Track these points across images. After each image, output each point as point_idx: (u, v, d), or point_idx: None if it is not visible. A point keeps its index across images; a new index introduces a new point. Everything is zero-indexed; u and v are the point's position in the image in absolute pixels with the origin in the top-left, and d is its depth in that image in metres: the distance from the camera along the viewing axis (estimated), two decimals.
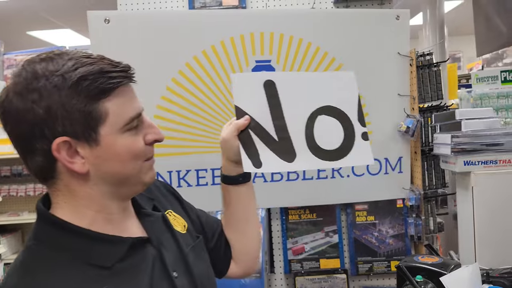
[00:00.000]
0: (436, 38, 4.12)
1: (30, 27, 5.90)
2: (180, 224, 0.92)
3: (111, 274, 0.70)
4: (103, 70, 0.70)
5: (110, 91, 0.70)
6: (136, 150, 0.74)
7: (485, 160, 1.46)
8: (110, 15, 1.58)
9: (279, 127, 0.97)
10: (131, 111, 0.73)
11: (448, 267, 1.36)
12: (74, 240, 0.70)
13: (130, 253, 0.73)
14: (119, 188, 0.75)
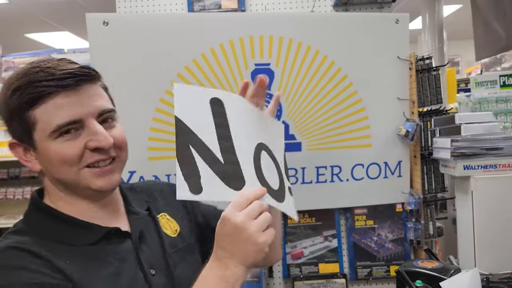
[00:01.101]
0: (435, 42, 4.13)
1: (28, 30, 5.89)
2: (171, 227, 0.94)
3: (79, 253, 0.75)
4: (32, 80, 0.74)
5: (37, 100, 0.74)
6: (66, 156, 0.75)
7: (485, 165, 1.46)
8: (109, 17, 1.57)
9: (225, 148, 0.81)
10: (59, 119, 0.74)
11: (448, 272, 1.36)
12: (49, 221, 0.78)
13: (104, 241, 0.79)
14: (71, 190, 0.80)
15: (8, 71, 3.55)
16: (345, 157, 1.71)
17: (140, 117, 1.60)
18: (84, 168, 0.77)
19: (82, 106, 0.76)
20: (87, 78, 0.77)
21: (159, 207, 0.96)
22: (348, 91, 1.69)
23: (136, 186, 1.01)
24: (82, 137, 0.76)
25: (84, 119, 0.76)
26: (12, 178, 3.62)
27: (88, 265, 0.75)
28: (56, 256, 0.72)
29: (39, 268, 0.69)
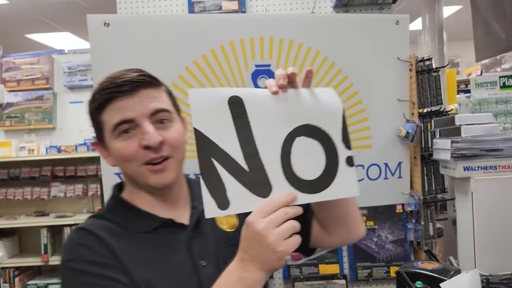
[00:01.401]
0: (435, 43, 4.14)
1: (29, 30, 5.89)
2: (229, 222, 0.98)
3: (136, 239, 0.85)
4: (100, 88, 0.87)
5: (103, 105, 0.86)
6: (124, 154, 0.85)
7: (485, 166, 1.46)
8: (110, 18, 1.58)
9: (249, 154, 0.77)
10: (115, 119, 0.84)
11: (448, 273, 1.36)
12: (118, 209, 0.90)
13: (161, 230, 0.88)
14: (135, 183, 0.89)
15: (8, 71, 3.56)
16: None
17: None
18: (142, 166, 0.85)
19: (135, 108, 0.84)
20: (143, 84, 0.85)
21: None
22: (349, 92, 1.70)
23: (195, 180, 1.05)
24: (137, 136, 0.84)
25: (137, 119, 0.84)
26: (12, 178, 3.63)
27: (140, 251, 0.84)
28: (117, 240, 0.83)
29: (100, 250, 0.82)
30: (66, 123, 3.69)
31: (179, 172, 0.90)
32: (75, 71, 3.55)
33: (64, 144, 3.50)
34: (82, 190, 3.59)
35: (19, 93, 3.59)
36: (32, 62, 3.58)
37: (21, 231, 3.70)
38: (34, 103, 3.59)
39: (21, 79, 3.57)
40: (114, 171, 1.61)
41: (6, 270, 3.44)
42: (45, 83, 3.57)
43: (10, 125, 3.61)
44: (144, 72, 0.88)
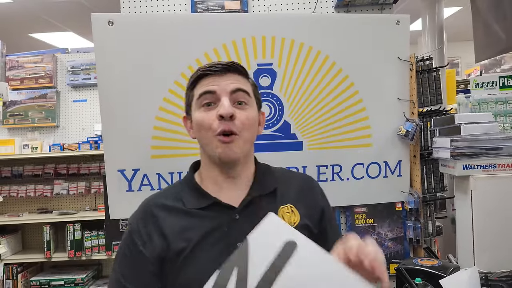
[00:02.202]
0: (435, 43, 4.15)
1: (32, 29, 5.91)
2: (289, 219, 1.02)
3: (187, 213, 0.98)
4: (198, 69, 1.02)
5: (196, 81, 1.01)
6: (202, 122, 0.97)
7: (484, 164, 1.48)
8: (114, 17, 1.60)
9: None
10: (201, 90, 0.98)
11: (447, 270, 1.37)
12: (183, 186, 1.04)
13: (212, 208, 0.98)
14: (207, 154, 1.01)
15: (12, 70, 3.58)
16: (346, 156, 1.73)
17: (143, 115, 1.62)
18: (216, 136, 0.96)
19: (219, 83, 0.97)
20: (231, 69, 0.99)
21: (288, 197, 1.05)
22: (349, 91, 1.71)
23: (275, 171, 1.12)
24: (216, 109, 0.96)
25: (218, 92, 0.97)
26: (15, 176, 3.65)
27: (186, 225, 0.96)
28: (169, 214, 0.98)
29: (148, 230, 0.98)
30: (69, 121, 3.71)
31: (245, 152, 1.00)
32: (78, 69, 3.57)
33: (67, 142, 3.53)
34: (85, 187, 3.62)
35: (22, 91, 3.61)
36: (35, 60, 3.60)
37: (24, 228, 3.73)
38: (37, 101, 3.62)
39: (25, 78, 3.60)
40: (117, 168, 1.63)
41: (9, 266, 3.47)
42: (49, 82, 3.60)
43: (13, 123, 3.63)
44: (237, 62, 1.01)
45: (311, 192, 1.11)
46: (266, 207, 0.98)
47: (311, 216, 1.06)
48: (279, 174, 1.11)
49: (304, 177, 1.16)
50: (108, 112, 1.61)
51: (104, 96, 1.61)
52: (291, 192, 1.07)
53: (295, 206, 1.04)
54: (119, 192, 1.63)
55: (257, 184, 1.03)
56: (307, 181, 1.13)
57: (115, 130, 1.62)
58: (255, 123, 1.02)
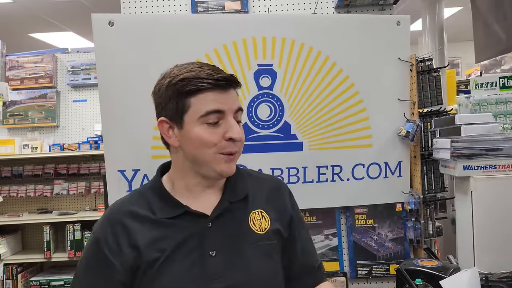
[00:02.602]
0: (436, 44, 4.15)
1: (32, 29, 5.91)
2: (261, 224, 1.02)
3: (156, 223, 0.95)
4: (197, 76, 0.95)
5: (196, 91, 0.94)
6: (206, 140, 0.94)
7: (484, 165, 1.48)
8: (114, 18, 1.60)
9: None
10: (209, 107, 0.94)
11: (448, 271, 1.37)
12: (152, 194, 1.00)
13: (182, 217, 0.96)
14: (197, 167, 0.98)
15: (12, 70, 3.58)
16: (346, 157, 1.73)
17: (144, 116, 1.62)
18: (219, 154, 0.95)
19: (227, 103, 0.95)
20: (233, 84, 0.97)
21: (259, 201, 1.05)
22: (350, 92, 1.71)
23: (245, 175, 1.10)
24: (222, 128, 0.95)
25: (226, 112, 0.95)
26: (15, 176, 3.65)
27: (156, 235, 0.94)
28: (140, 224, 0.95)
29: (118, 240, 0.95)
30: (69, 121, 3.72)
31: None
32: (78, 69, 3.57)
33: (67, 142, 3.53)
34: (85, 187, 3.62)
35: (22, 91, 3.61)
36: (35, 60, 3.60)
37: (24, 228, 3.73)
38: (37, 101, 3.62)
39: (25, 78, 3.60)
40: (118, 169, 1.63)
41: (9, 267, 3.47)
42: (49, 82, 3.60)
43: (13, 123, 3.63)
44: (233, 75, 0.98)
45: (279, 194, 1.10)
46: (238, 214, 1.01)
47: (281, 219, 1.06)
48: (249, 178, 1.10)
49: (273, 179, 1.16)
50: (108, 112, 1.61)
51: (105, 96, 1.61)
52: (261, 196, 1.07)
53: (265, 210, 1.04)
54: (119, 192, 1.63)
55: (229, 191, 1.03)
56: (275, 184, 1.13)
57: (116, 130, 1.62)
58: None
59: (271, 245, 1.01)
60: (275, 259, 1.02)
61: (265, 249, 1.00)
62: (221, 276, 0.93)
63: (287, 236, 1.06)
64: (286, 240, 1.06)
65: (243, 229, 1.00)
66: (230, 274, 0.93)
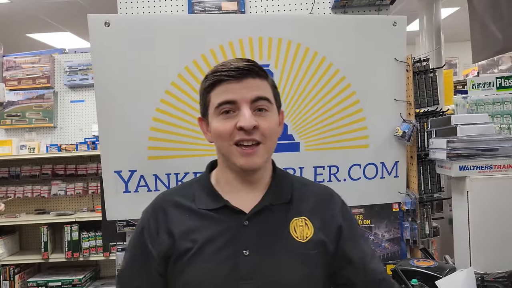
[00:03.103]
0: (433, 44, 4.15)
1: (30, 30, 5.90)
2: (302, 232, 0.97)
3: (196, 213, 0.96)
4: (214, 71, 0.96)
5: (213, 85, 0.95)
6: (220, 131, 0.94)
7: (480, 165, 1.48)
8: (110, 18, 1.59)
9: None
10: (220, 99, 0.94)
11: (444, 271, 1.38)
12: (198, 185, 1.02)
13: (222, 211, 0.95)
14: (226, 161, 0.98)
15: (9, 70, 3.57)
16: (343, 157, 1.73)
17: (140, 116, 1.62)
18: (233, 145, 0.93)
19: (239, 92, 0.92)
20: (250, 72, 0.94)
21: (304, 208, 1.00)
22: (346, 92, 1.72)
23: (293, 180, 1.07)
24: (235, 118, 0.93)
25: (239, 102, 0.92)
26: (13, 177, 3.65)
27: (191, 224, 0.95)
28: (180, 213, 0.98)
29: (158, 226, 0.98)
30: (66, 121, 3.71)
31: (266, 160, 0.98)
32: (75, 70, 3.57)
33: (65, 143, 3.53)
34: (83, 188, 3.61)
35: (20, 92, 3.61)
36: (33, 61, 3.60)
37: (21, 228, 3.72)
38: (35, 101, 3.61)
39: (22, 78, 3.59)
40: (114, 169, 1.63)
41: (6, 268, 3.47)
42: (46, 82, 3.60)
43: (10, 124, 3.63)
44: (254, 62, 0.96)
45: (328, 205, 1.03)
46: (279, 217, 0.97)
47: (328, 231, 0.99)
48: (297, 184, 1.05)
49: (324, 189, 1.09)
50: (104, 112, 1.61)
51: (101, 97, 1.61)
52: (308, 204, 1.01)
53: (310, 218, 0.99)
54: (116, 193, 1.63)
55: (271, 192, 0.99)
56: (325, 193, 1.07)
57: (112, 131, 1.62)
58: (277, 129, 0.99)
59: (311, 255, 0.95)
60: (312, 270, 0.95)
61: (302, 257, 0.95)
62: (251, 277, 0.90)
63: (334, 250, 0.99)
64: (335, 256, 0.99)
65: (281, 234, 0.96)
66: (260, 276, 0.91)
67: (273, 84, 1.02)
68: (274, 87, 1.02)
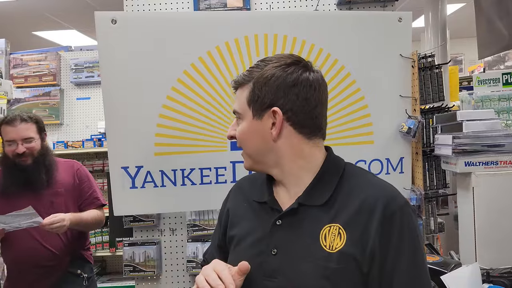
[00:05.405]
0: (438, 40, 4.13)
1: (36, 28, 5.93)
2: (332, 241, 0.85)
3: (247, 203, 1.00)
4: None
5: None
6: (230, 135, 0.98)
7: (486, 161, 1.48)
8: (117, 15, 1.61)
9: None
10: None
11: (449, 266, 1.38)
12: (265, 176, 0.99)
13: (265, 205, 0.95)
14: None
15: (16, 68, 3.60)
16: (348, 153, 1.70)
17: (147, 113, 1.63)
18: None
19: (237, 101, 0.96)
20: (237, 85, 0.96)
21: (343, 215, 0.86)
22: (351, 89, 1.72)
23: (349, 177, 0.92)
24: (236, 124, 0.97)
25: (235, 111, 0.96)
26: None
27: (240, 212, 1.00)
28: (237, 199, 1.03)
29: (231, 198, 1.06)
30: (73, 118, 3.73)
31: (255, 162, 0.96)
32: (81, 67, 3.59)
33: (71, 140, 3.55)
34: None
35: (26, 89, 3.63)
36: (39, 59, 3.62)
37: None
38: (41, 99, 3.63)
39: (29, 76, 3.61)
40: (121, 165, 1.64)
41: None
42: (52, 80, 3.61)
43: None
44: (241, 76, 0.95)
45: (368, 215, 0.84)
46: (312, 221, 0.88)
47: (362, 247, 0.82)
48: (353, 184, 0.90)
49: (376, 193, 0.87)
50: (111, 109, 1.63)
51: (108, 94, 1.62)
52: (350, 209, 0.86)
53: (345, 228, 0.84)
54: (122, 189, 1.65)
55: (306, 192, 0.90)
56: (371, 201, 0.85)
57: (119, 128, 1.63)
58: (252, 134, 0.92)
59: (333, 269, 0.83)
60: (334, 284, 0.82)
61: (323, 270, 0.83)
62: (275, 276, 0.88)
63: (366, 272, 0.82)
64: (366, 278, 0.83)
65: (310, 239, 0.86)
66: (282, 278, 0.87)
67: (254, 90, 0.91)
68: (254, 93, 0.91)
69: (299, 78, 0.90)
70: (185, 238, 1.82)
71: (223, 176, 1.69)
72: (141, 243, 1.78)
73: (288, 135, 0.90)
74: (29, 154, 1.84)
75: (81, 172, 2.01)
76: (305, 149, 0.91)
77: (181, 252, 1.82)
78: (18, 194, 1.82)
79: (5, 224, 1.72)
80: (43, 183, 1.85)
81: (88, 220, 1.91)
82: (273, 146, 0.91)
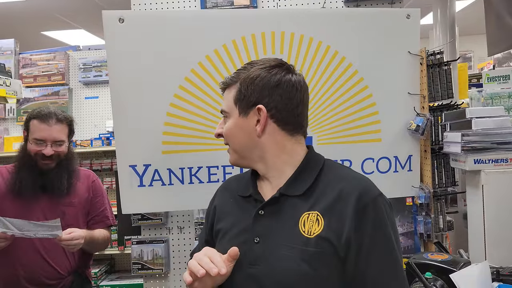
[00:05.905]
0: (447, 37, 4.10)
1: (45, 27, 5.98)
2: (310, 227, 0.91)
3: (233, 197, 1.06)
4: None
5: None
6: None
7: (496, 159, 1.47)
8: (124, 14, 1.61)
9: None
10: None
11: (458, 265, 1.37)
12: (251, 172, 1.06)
13: (248, 199, 1.01)
14: None
15: (25, 67, 3.63)
16: (356, 151, 1.73)
17: (155, 111, 1.64)
18: None
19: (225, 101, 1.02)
20: (225, 86, 1.02)
21: (321, 203, 0.92)
22: (359, 86, 1.71)
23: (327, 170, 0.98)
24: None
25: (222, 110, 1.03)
26: None
27: (229, 208, 1.05)
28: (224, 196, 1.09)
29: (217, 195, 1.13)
30: (81, 118, 3.75)
31: (240, 157, 1.01)
32: (90, 67, 3.61)
33: (80, 139, 3.57)
34: None
35: (35, 88, 3.66)
36: (48, 58, 3.65)
37: None
38: (50, 98, 3.66)
39: (38, 75, 3.65)
40: (129, 164, 1.65)
41: None
42: (61, 79, 3.64)
43: None
44: (227, 78, 1.01)
45: (344, 204, 0.90)
46: (291, 210, 0.94)
47: (339, 232, 0.89)
48: (331, 176, 0.96)
49: (353, 184, 0.93)
50: (119, 108, 1.64)
51: (115, 93, 1.63)
52: (327, 198, 0.92)
53: (323, 215, 0.90)
54: (130, 187, 1.66)
55: (287, 183, 0.97)
56: (350, 188, 0.92)
57: (127, 126, 1.64)
58: (238, 130, 0.98)
59: (311, 252, 0.88)
60: (315, 269, 0.88)
61: (301, 253, 0.89)
62: (258, 263, 0.93)
63: (343, 257, 0.88)
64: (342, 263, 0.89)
65: (289, 226, 0.92)
66: (264, 265, 0.93)
67: (241, 90, 0.97)
68: (241, 92, 0.97)
69: (282, 79, 0.96)
70: (193, 236, 1.83)
71: (231, 175, 1.69)
72: (149, 241, 1.79)
73: (272, 131, 0.97)
74: (56, 157, 1.68)
75: (96, 185, 1.87)
76: (287, 145, 0.98)
77: (189, 250, 1.83)
78: (31, 197, 1.66)
79: (21, 231, 1.52)
80: (62, 191, 1.69)
81: (99, 240, 1.76)
82: (257, 142, 0.97)
